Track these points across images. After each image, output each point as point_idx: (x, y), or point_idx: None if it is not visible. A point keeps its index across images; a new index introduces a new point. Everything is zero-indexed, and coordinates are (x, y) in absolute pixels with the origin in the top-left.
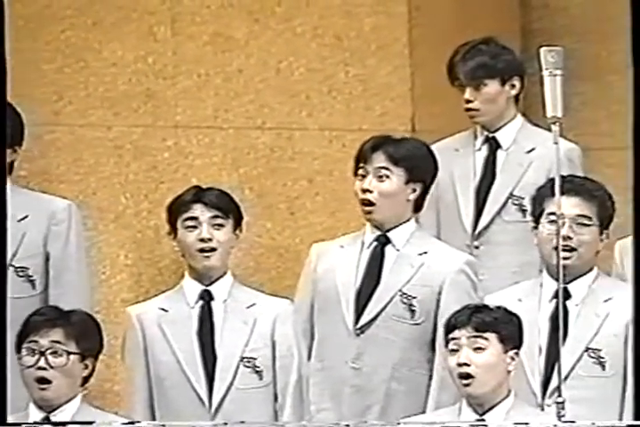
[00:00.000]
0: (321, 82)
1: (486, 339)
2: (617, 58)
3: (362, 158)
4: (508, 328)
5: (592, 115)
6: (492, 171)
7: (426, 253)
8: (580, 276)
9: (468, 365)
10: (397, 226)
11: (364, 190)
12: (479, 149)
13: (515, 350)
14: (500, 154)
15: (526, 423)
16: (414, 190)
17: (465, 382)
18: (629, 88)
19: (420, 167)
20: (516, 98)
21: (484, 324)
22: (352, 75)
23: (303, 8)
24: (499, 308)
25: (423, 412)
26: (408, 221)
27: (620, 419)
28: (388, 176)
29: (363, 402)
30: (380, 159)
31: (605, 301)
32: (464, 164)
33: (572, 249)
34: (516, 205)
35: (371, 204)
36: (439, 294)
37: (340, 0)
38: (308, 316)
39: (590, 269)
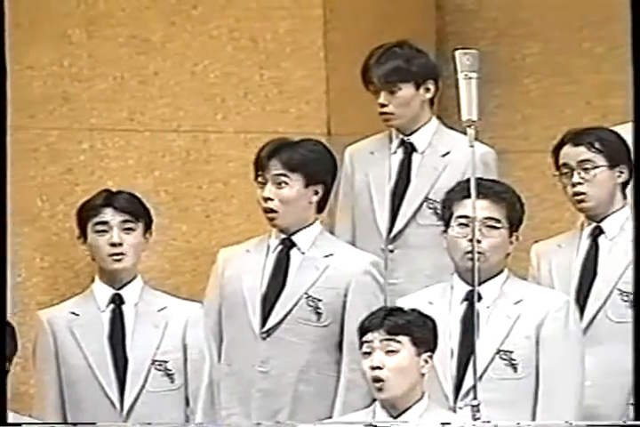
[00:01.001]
0: (236, 85)
1: (399, 342)
2: (531, 61)
3: (259, 166)
4: (421, 331)
5: (507, 118)
6: (408, 174)
7: (331, 255)
8: (491, 278)
9: (380, 368)
10: (302, 229)
11: (265, 199)
12: (395, 153)
13: (428, 353)
14: (415, 157)
15: (448, 423)
16: (316, 193)
17: (378, 385)
18: (629, 87)
19: (318, 170)
20: (431, 101)
21: (396, 327)
22: (267, 78)
23: (219, 11)
24: (413, 311)
25: (331, 414)
26: (313, 223)
27: (533, 419)
28: (286, 183)
29: (271, 406)
30: (276, 167)
31: (516, 303)
32: (379, 167)
33: (481, 252)
34: (430, 208)
35: (273, 211)
36: (345, 295)
37: (255, 3)
38: (217, 320)
39: (501, 272)
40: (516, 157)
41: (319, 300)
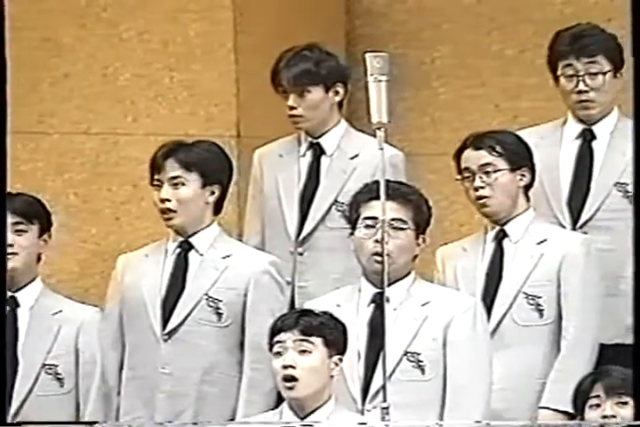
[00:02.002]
0: (146, 87)
1: (312, 343)
2: (440, 64)
3: (155, 168)
4: (333, 333)
5: (416, 121)
6: (316, 177)
7: (230, 256)
8: (398, 280)
9: (293, 367)
10: (199, 231)
11: (162, 200)
12: (303, 155)
13: (339, 356)
14: (323, 160)
15: (364, 423)
16: (212, 193)
17: (288, 384)
18: (630, 87)
19: (214, 170)
20: (340, 104)
21: (311, 327)
22: (177, 80)
23: (129, 14)
24: (324, 313)
25: (234, 413)
26: (210, 225)
27: (441, 419)
28: (183, 183)
29: (175, 407)
30: (172, 167)
31: (423, 305)
32: (288, 170)
33: (387, 253)
34: (339, 211)
35: (170, 212)
36: (245, 295)
37: (166, 6)
38: (118, 326)
39: (408, 274)
40: (425, 159)
41: (219, 300)
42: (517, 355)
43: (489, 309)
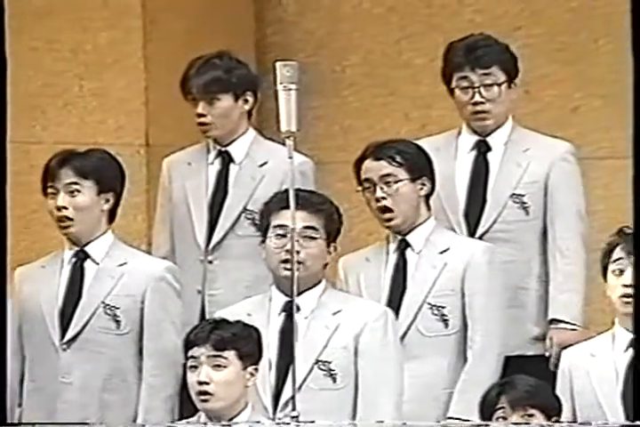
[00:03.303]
0: (56, 96)
1: (226, 358)
2: (351, 72)
3: (50, 176)
4: (247, 345)
5: (326, 129)
6: (225, 185)
7: (125, 263)
8: (309, 289)
9: (207, 383)
10: (95, 239)
11: (59, 208)
12: (212, 163)
13: (254, 366)
14: (232, 168)
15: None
16: (107, 200)
17: (203, 397)
18: (629, 88)
19: (108, 177)
20: (249, 112)
21: (223, 341)
22: (87, 89)
23: (38, 22)
24: (237, 322)
25: (135, 420)
26: (105, 233)
27: None
28: (79, 190)
29: (78, 416)
30: (68, 175)
31: (334, 313)
32: (197, 178)
33: (299, 262)
34: (249, 219)
35: (67, 220)
36: (142, 302)
37: (75, 14)
38: (17, 337)
39: (319, 282)
40: (334, 167)
41: (117, 308)
42: (424, 365)
43: None
